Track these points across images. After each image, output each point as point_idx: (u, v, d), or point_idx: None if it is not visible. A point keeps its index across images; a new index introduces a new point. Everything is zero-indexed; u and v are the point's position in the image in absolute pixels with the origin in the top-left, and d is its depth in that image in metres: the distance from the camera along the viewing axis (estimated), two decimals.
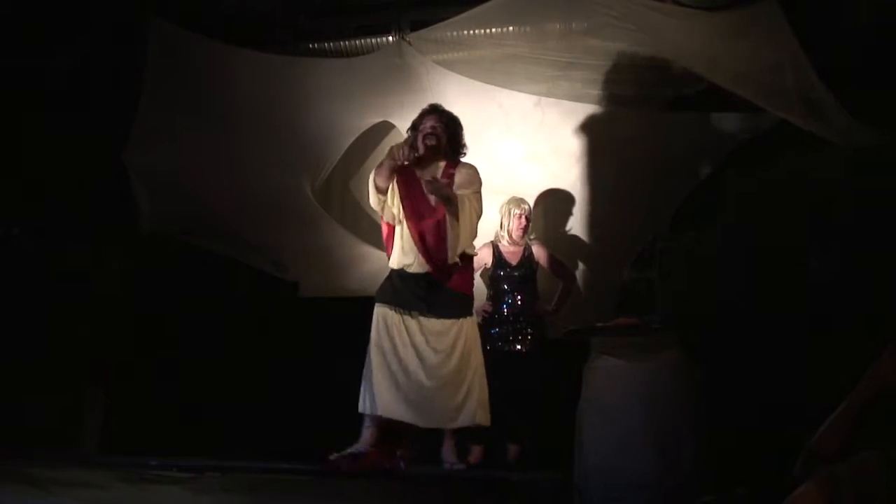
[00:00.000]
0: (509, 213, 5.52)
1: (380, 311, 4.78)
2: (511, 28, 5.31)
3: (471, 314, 4.85)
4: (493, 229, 5.59)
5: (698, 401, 4.04)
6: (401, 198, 4.77)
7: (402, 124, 5.67)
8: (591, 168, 5.84)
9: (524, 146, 5.90)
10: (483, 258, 5.54)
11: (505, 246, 5.53)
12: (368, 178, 4.84)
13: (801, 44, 4.62)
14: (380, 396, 4.65)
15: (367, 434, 4.72)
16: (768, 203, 5.23)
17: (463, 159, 4.94)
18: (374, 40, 5.80)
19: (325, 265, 6.04)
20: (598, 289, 5.77)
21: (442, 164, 4.86)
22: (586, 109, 5.72)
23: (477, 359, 4.78)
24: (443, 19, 5.25)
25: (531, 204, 5.65)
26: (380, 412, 4.65)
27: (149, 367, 5.53)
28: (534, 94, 5.68)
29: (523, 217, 5.50)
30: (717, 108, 5.54)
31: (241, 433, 5.65)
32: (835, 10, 4.97)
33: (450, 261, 4.72)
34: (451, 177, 4.83)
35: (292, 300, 6.05)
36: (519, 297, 5.43)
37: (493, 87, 5.61)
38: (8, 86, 5.12)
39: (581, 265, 5.86)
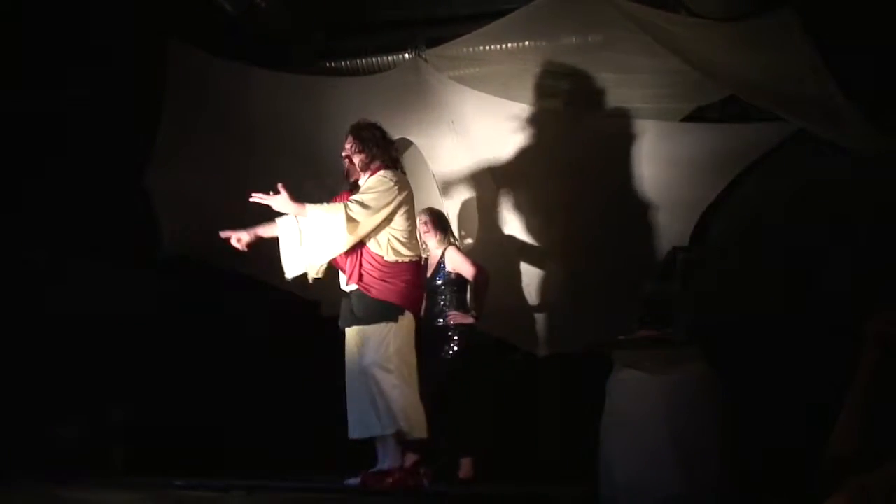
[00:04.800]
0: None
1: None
2: (527, 43, 5.31)
3: (393, 321, 4.72)
4: None
5: (722, 413, 4.02)
6: None
7: (421, 141, 5.70)
8: (611, 181, 5.82)
9: (543, 160, 5.90)
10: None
11: (430, 256, 5.49)
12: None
13: (820, 52, 4.60)
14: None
15: (394, 452, 4.68)
16: (790, 212, 5.21)
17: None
18: (391, 58, 5.84)
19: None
20: (619, 301, 5.73)
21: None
22: (605, 122, 5.71)
23: (403, 365, 4.68)
24: (459, 36, 5.27)
25: (545, 218, 5.63)
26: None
27: (172, 386, 5.55)
28: (551, 108, 5.68)
29: (422, 224, 5.40)
30: (737, 119, 5.52)
31: (266, 452, 5.67)
32: (852, 18, 4.95)
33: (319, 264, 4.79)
34: None
35: (314, 318, 6.04)
36: (441, 306, 5.39)
37: (510, 101, 5.62)
38: (28, 113, 5.16)
39: (603, 277, 5.82)
